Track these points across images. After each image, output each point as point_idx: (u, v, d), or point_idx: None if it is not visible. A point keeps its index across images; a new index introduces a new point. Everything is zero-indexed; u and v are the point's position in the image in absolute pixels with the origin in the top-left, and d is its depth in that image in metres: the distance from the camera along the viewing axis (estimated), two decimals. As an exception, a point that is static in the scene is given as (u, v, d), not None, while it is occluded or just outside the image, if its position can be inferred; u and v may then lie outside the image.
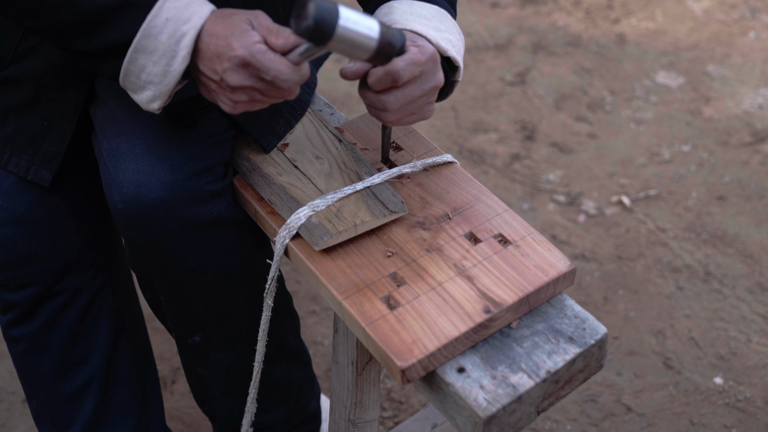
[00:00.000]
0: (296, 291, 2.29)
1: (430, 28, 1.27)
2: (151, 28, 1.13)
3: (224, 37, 1.13)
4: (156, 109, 1.19)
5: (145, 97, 1.18)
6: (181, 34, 1.13)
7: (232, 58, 1.12)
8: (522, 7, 3.40)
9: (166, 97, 1.18)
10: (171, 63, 1.14)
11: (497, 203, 1.32)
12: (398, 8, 1.30)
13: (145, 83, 1.16)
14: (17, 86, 1.35)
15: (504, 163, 2.69)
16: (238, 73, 1.13)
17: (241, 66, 1.13)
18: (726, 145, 2.75)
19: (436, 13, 1.31)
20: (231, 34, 1.13)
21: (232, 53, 1.12)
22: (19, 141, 1.37)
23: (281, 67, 1.13)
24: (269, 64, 1.13)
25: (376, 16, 1.31)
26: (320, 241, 1.23)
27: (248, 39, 1.12)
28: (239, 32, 1.13)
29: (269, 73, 1.13)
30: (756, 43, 3.19)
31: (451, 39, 1.30)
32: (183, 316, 1.44)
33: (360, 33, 1.13)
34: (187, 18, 1.13)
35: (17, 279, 1.45)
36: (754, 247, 2.40)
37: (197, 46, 1.15)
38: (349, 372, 1.38)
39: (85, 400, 1.57)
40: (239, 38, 1.12)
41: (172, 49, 1.13)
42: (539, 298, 1.21)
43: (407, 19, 1.28)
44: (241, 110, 1.18)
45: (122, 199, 1.27)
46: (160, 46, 1.13)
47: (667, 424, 1.98)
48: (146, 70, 1.15)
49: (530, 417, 1.16)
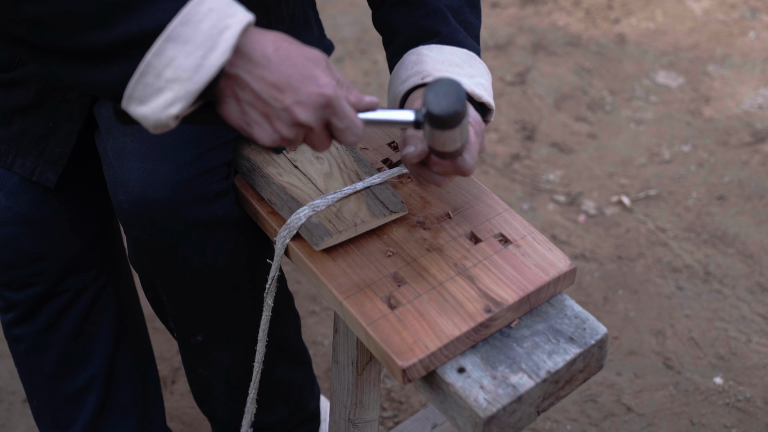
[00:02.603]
0: (296, 291, 2.29)
1: (463, 76, 1.24)
2: (193, 14, 0.98)
3: (304, 66, 1.01)
4: (174, 115, 1.00)
5: (161, 102, 0.99)
6: (225, 26, 0.98)
7: (315, 95, 1.02)
8: (522, 7, 3.40)
9: (190, 99, 1.00)
10: (208, 55, 0.98)
11: (497, 203, 1.32)
12: (429, 56, 1.26)
13: (168, 82, 0.98)
14: (23, 87, 1.35)
15: (504, 163, 2.69)
16: (313, 111, 1.03)
17: (322, 105, 1.03)
18: (726, 145, 2.75)
19: (467, 58, 1.28)
20: (316, 65, 1.02)
21: (317, 89, 1.02)
22: (24, 142, 1.37)
23: (357, 121, 1.06)
24: (349, 113, 1.05)
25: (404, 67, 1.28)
26: (320, 241, 1.23)
27: (333, 79, 1.03)
28: (324, 67, 1.03)
29: (345, 122, 1.05)
30: (756, 43, 3.19)
31: (483, 83, 1.27)
32: (185, 316, 1.44)
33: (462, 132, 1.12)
34: (233, 13, 1.00)
35: (20, 279, 1.45)
36: (754, 247, 2.40)
37: (252, 53, 1.00)
38: (349, 372, 1.38)
39: (86, 400, 1.57)
40: (326, 74, 1.02)
41: (213, 39, 0.98)
42: (540, 298, 1.22)
43: (439, 69, 1.24)
44: (274, 145, 1.07)
45: (127, 199, 1.27)
46: (199, 35, 0.97)
47: (667, 424, 1.98)
48: (174, 63, 0.97)
49: (530, 417, 1.16)
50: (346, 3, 3.41)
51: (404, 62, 1.30)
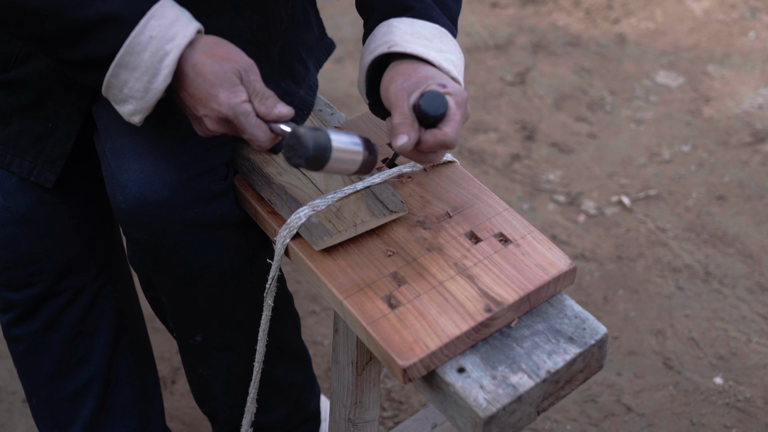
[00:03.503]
0: (296, 291, 2.29)
1: (431, 49, 1.25)
2: (135, 44, 1.12)
3: (211, 84, 1.13)
4: (137, 122, 1.19)
5: (126, 110, 1.18)
6: (164, 53, 1.12)
7: (215, 111, 1.14)
8: (522, 7, 3.40)
9: (148, 111, 1.18)
10: (153, 80, 1.14)
11: (497, 202, 1.32)
12: (399, 28, 1.28)
13: (127, 97, 1.16)
14: (21, 88, 1.35)
15: (504, 163, 2.69)
16: (218, 124, 1.16)
17: (223, 120, 1.15)
18: (726, 145, 2.75)
19: (438, 33, 1.28)
20: (219, 84, 1.13)
21: (216, 106, 1.14)
22: (22, 142, 1.37)
23: (260, 134, 1.16)
24: (249, 128, 1.15)
25: (374, 38, 1.30)
26: (320, 240, 1.23)
27: (235, 97, 1.14)
28: (228, 85, 1.14)
29: (246, 134, 1.16)
30: (756, 43, 3.19)
31: (453, 59, 1.28)
32: (185, 316, 1.44)
33: (346, 160, 1.16)
34: (171, 37, 1.12)
35: (19, 279, 1.45)
36: (754, 247, 2.40)
37: (182, 71, 1.14)
38: (349, 372, 1.38)
39: (85, 400, 1.57)
40: (226, 93, 1.13)
41: (155, 67, 1.13)
42: (540, 297, 1.21)
43: (408, 40, 1.25)
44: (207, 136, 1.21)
45: (126, 199, 1.27)
46: (143, 63, 1.12)
47: (667, 424, 1.98)
48: (128, 85, 1.15)
49: (530, 417, 1.16)
50: (346, 3, 3.41)
51: (374, 34, 1.31)
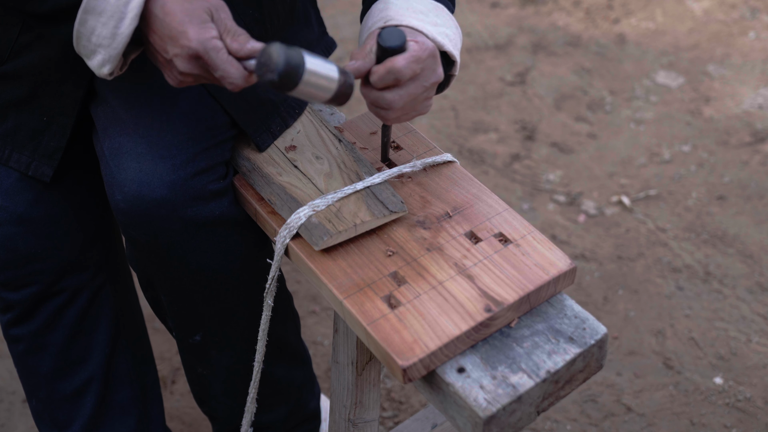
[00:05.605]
0: (296, 291, 2.29)
1: (426, 23, 1.26)
2: None
3: (180, 22, 1.11)
4: (107, 74, 1.17)
5: (96, 62, 1.16)
6: None
7: (185, 48, 1.11)
8: (522, 7, 3.40)
9: (116, 61, 1.16)
10: (119, 24, 1.12)
11: (497, 202, 1.32)
12: (394, 3, 1.29)
13: (96, 46, 1.14)
14: (16, 81, 1.35)
15: (504, 163, 2.69)
16: (188, 62, 1.13)
17: (193, 57, 1.13)
18: (726, 145, 2.75)
19: (433, 8, 1.30)
20: (189, 21, 1.11)
21: (186, 42, 1.11)
22: (19, 137, 1.37)
23: (231, 70, 1.13)
24: (221, 64, 1.13)
25: (371, 15, 1.31)
26: (320, 240, 1.23)
27: (205, 32, 1.12)
28: (197, 21, 1.12)
29: (218, 72, 1.13)
30: (756, 43, 3.19)
31: (448, 33, 1.29)
32: (184, 316, 1.44)
33: (319, 85, 1.14)
34: None
35: (17, 278, 1.45)
36: (754, 247, 2.40)
37: (150, 12, 1.12)
38: (349, 372, 1.38)
39: (84, 400, 1.57)
40: (196, 28, 1.11)
41: (121, 10, 1.11)
42: (540, 297, 1.21)
43: (403, 14, 1.27)
44: (185, 86, 1.19)
45: (124, 198, 1.27)
46: (108, 7, 1.11)
47: (667, 424, 1.98)
48: (96, 32, 1.13)
49: (530, 417, 1.16)
50: (346, 3, 3.41)
51: (371, 11, 1.32)
